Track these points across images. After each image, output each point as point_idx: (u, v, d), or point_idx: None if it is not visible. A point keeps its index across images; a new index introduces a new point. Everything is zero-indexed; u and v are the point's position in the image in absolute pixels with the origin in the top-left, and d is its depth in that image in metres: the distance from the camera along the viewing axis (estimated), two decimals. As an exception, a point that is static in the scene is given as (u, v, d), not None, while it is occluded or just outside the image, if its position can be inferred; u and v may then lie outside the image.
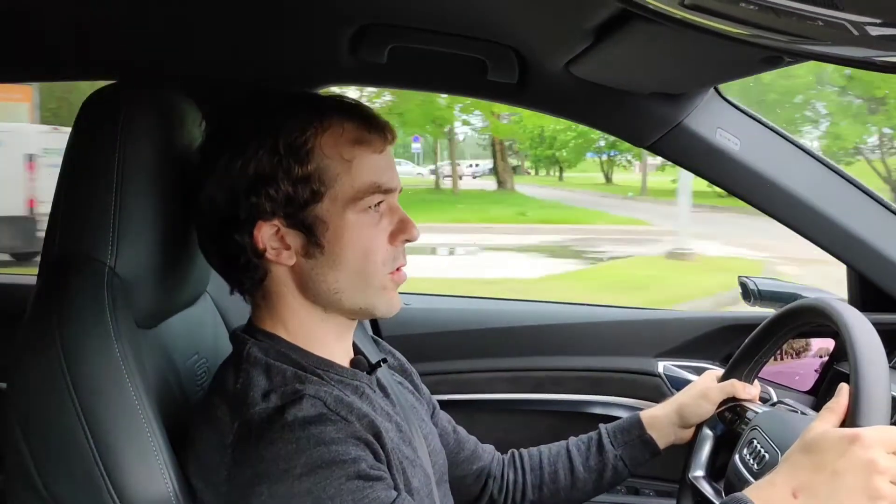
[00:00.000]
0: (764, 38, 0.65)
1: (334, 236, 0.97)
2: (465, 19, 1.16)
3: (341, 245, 0.97)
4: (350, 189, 0.96)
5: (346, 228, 0.97)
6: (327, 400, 0.92)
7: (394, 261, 1.01)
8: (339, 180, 0.96)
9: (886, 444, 0.89)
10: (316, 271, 0.98)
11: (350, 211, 0.97)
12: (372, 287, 0.99)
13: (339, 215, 0.97)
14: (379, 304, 1.01)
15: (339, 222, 0.97)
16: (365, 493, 0.87)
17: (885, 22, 0.53)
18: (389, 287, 1.01)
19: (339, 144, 0.97)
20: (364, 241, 0.98)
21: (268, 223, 0.96)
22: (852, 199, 1.52)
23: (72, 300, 0.94)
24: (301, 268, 0.98)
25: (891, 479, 0.88)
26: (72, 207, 0.99)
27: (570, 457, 1.32)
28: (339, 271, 0.98)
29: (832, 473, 0.88)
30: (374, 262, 0.98)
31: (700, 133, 1.42)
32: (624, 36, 1.01)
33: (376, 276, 0.99)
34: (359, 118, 0.99)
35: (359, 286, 0.99)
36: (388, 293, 1.01)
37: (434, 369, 1.79)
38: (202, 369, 1.16)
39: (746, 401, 1.30)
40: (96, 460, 0.89)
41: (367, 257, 0.98)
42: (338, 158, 0.96)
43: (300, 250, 0.98)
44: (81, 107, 1.03)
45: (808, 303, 1.21)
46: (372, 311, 1.02)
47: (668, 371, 1.77)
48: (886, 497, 0.87)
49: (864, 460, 0.87)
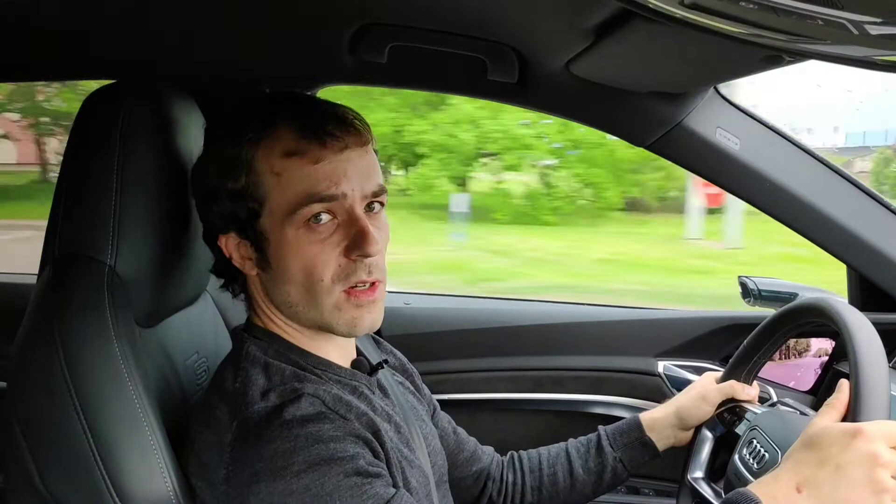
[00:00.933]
0: (764, 37, 0.65)
1: (276, 252, 0.94)
2: (464, 19, 1.16)
3: (284, 261, 0.94)
4: (283, 203, 0.92)
5: (285, 244, 0.93)
6: (326, 398, 0.92)
7: (348, 277, 0.94)
8: (270, 194, 0.93)
9: (888, 437, 0.90)
10: (272, 284, 0.98)
11: (288, 226, 0.92)
12: (324, 305, 0.95)
13: (278, 230, 0.93)
14: (335, 323, 0.96)
15: (278, 237, 0.93)
16: (363, 489, 0.87)
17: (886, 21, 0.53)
18: (345, 307, 0.95)
19: (270, 157, 0.93)
20: (306, 258, 0.93)
21: (226, 235, 0.97)
22: (852, 198, 1.52)
23: (72, 299, 0.94)
24: (262, 278, 0.99)
25: (893, 472, 0.88)
26: (72, 207, 0.99)
27: (570, 459, 1.32)
28: (289, 286, 0.95)
29: (835, 467, 0.89)
30: (320, 280, 0.93)
31: (700, 132, 1.42)
32: (624, 35, 1.01)
33: (326, 295, 0.94)
34: (297, 124, 0.93)
35: (310, 303, 0.95)
36: (344, 313, 0.95)
37: (435, 368, 1.79)
38: (202, 368, 1.16)
39: (746, 402, 1.31)
40: (96, 459, 0.89)
41: (312, 274, 0.93)
42: (268, 172, 0.92)
43: (257, 262, 0.97)
44: (81, 106, 1.03)
45: (808, 302, 1.21)
46: (330, 328, 0.97)
47: (668, 371, 1.77)
48: (889, 490, 0.87)
49: (867, 454, 0.88)
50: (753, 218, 8.90)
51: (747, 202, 1.52)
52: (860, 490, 0.87)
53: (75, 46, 1.23)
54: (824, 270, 1.92)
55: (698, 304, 6.35)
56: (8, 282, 2.02)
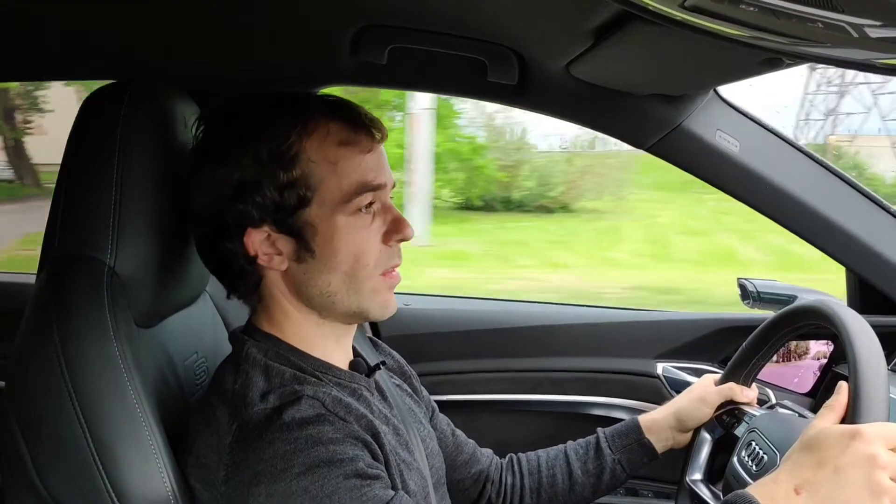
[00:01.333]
0: (764, 40, 0.65)
1: (324, 240, 0.96)
2: (464, 20, 1.16)
3: (332, 249, 0.96)
4: (338, 191, 0.95)
5: (336, 232, 0.96)
6: (325, 401, 0.92)
7: (388, 261, 1.00)
8: (325, 183, 0.95)
9: (887, 439, 0.90)
10: (308, 276, 0.98)
11: (340, 214, 0.96)
12: (364, 290, 0.98)
13: (328, 219, 0.96)
14: (372, 306, 1.00)
15: (328, 226, 0.96)
16: (363, 491, 0.87)
17: (885, 24, 0.53)
18: (381, 289, 1.00)
19: (324, 147, 0.95)
20: (356, 244, 0.97)
21: (257, 230, 0.96)
22: (852, 201, 1.52)
23: (71, 299, 0.94)
24: (293, 272, 0.98)
25: (891, 474, 0.88)
26: (71, 206, 0.99)
27: (569, 461, 1.32)
28: (331, 275, 0.97)
29: (834, 469, 0.89)
30: (366, 265, 0.97)
31: (700, 135, 1.42)
32: (623, 37, 1.01)
33: (368, 279, 0.98)
34: (344, 119, 0.97)
35: (351, 289, 0.98)
36: (380, 296, 1.00)
37: (433, 370, 1.79)
38: (201, 369, 1.16)
39: (744, 404, 1.31)
40: (95, 460, 0.89)
41: (359, 260, 0.97)
42: (323, 161, 0.95)
43: (291, 255, 0.97)
44: (82, 106, 1.03)
45: (806, 305, 1.21)
46: (365, 314, 1.01)
47: (666, 373, 1.77)
48: (888, 491, 0.87)
49: (866, 455, 0.88)
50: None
51: (747, 205, 1.52)
52: (859, 491, 0.87)
53: (75, 46, 1.23)
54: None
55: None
56: (7, 281, 2.02)
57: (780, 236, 1.54)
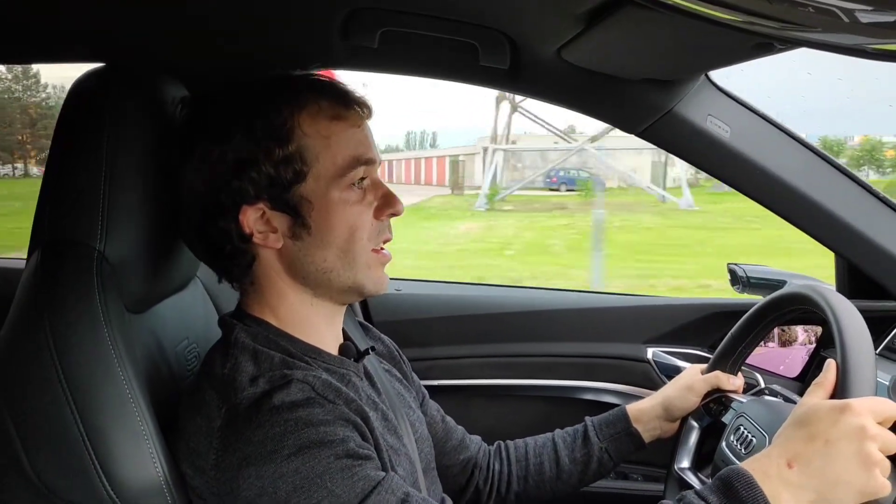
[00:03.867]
0: (755, 24, 0.65)
1: (320, 215, 0.97)
2: (456, 4, 1.16)
3: (328, 223, 0.97)
4: (332, 165, 0.97)
5: (331, 206, 0.97)
6: (315, 384, 0.93)
7: (379, 235, 1.02)
8: (320, 158, 0.97)
9: (875, 412, 0.91)
10: (304, 252, 0.98)
11: (334, 188, 0.97)
12: (358, 265, 1.00)
13: (323, 193, 0.97)
14: (366, 281, 1.01)
15: (324, 200, 0.97)
16: (354, 471, 0.87)
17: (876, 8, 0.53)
18: (374, 265, 1.02)
19: (317, 122, 0.97)
20: (350, 218, 0.98)
21: (252, 207, 0.96)
22: (841, 187, 1.52)
23: (61, 285, 0.93)
24: (289, 250, 0.99)
25: (880, 445, 0.90)
26: (60, 192, 0.99)
27: (556, 449, 1.33)
28: (327, 250, 0.98)
29: (825, 442, 0.90)
30: (360, 239, 0.99)
31: (691, 120, 1.42)
32: (615, 21, 1.01)
33: (362, 254, 1.00)
34: (334, 95, 0.99)
35: (346, 264, 0.99)
36: (374, 271, 1.02)
37: (425, 355, 1.79)
38: (192, 354, 1.16)
39: (731, 392, 1.32)
40: (86, 446, 0.89)
41: (354, 234, 0.98)
42: (317, 136, 0.97)
43: (287, 232, 0.98)
44: (70, 90, 1.02)
45: (791, 291, 1.22)
46: (360, 289, 1.02)
47: (657, 357, 1.78)
48: (878, 462, 0.89)
49: (856, 427, 0.89)
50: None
51: (737, 190, 1.53)
52: (850, 463, 0.89)
53: (62, 29, 1.22)
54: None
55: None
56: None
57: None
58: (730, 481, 0.91)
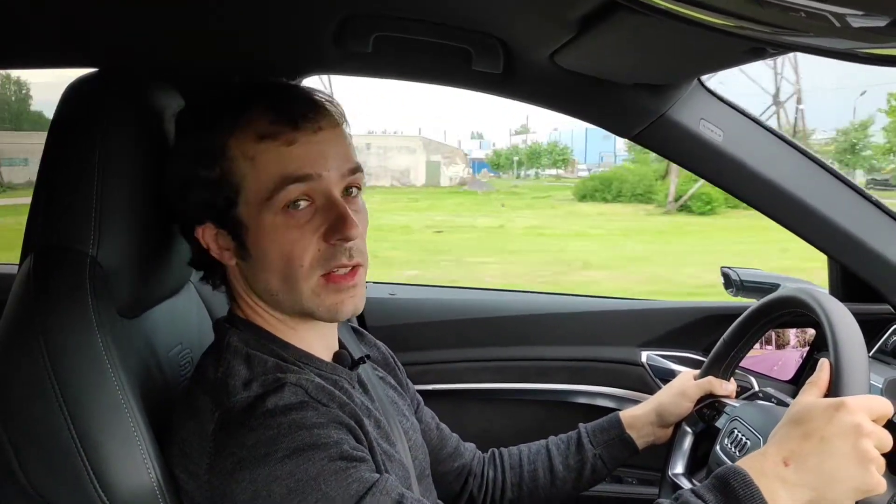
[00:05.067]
0: (748, 29, 0.65)
1: (255, 239, 0.94)
2: (449, 9, 1.16)
3: (262, 249, 0.94)
4: (259, 188, 0.92)
5: (264, 231, 0.93)
6: (308, 388, 0.92)
7: (327, 262, 0.94)
8: (246, 180, 0.92)
9: (869, 409, 0.92)
10: (251, 272, 0.97)
11: (266, 212, 0.92)
12: (302, 292, 0.94)
13: (255, 217, 0.93)
14: (316, 309, 0.96)
15: (256, 225, 0.93)
16: (348, 472, 0.87)
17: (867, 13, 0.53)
18: (323, 293, 0.94)
19: (244, 143, 0.92)
20: (285, 244, 0.92)
21: (201, 226, 0.96)
22: (834, 190, 1.53)
23: (53, 290, 0.93)
24: (242, 268, 0.98)
25: (875, 442, 0.90)
26: (53, 197, 0.98)
27: (550, 455, 1.33)
28: (268, 273, 0.95)
29: (820, 440, 0.90)
30: (300, 266, 0.93)
31: (684, 124, 1.43)
32: (608, 26, 1.01)
33: (305, 281, 0.94)
34: (270, 109, 0.92)
35: (289, 290, 0.95)
36: (324, 298, 0.95)
37: (419, 359, 1.79)
38: (186, 359, 1.15)
39: (724, 397, 1.32)
40: (79, 452, 0.89)
41: (291, 261, 0.93)
42: (242, 158, 0.92)
43: (235, 252, 0.97)
44: (63, 95, 1.02)
45: (786, 294, 1.22)
46: (311, 314, 0.97)
47: (651, 361, 1.78)
48: (874, 459, 0.89)
49: (851, 425, 0.90)
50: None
51: (730, 194, 1.53)
52: (845, 460, 0.89)
53: (56, 34, 1.22)
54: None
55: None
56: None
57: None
58: (726, 479, 0.91)
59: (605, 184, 22.09)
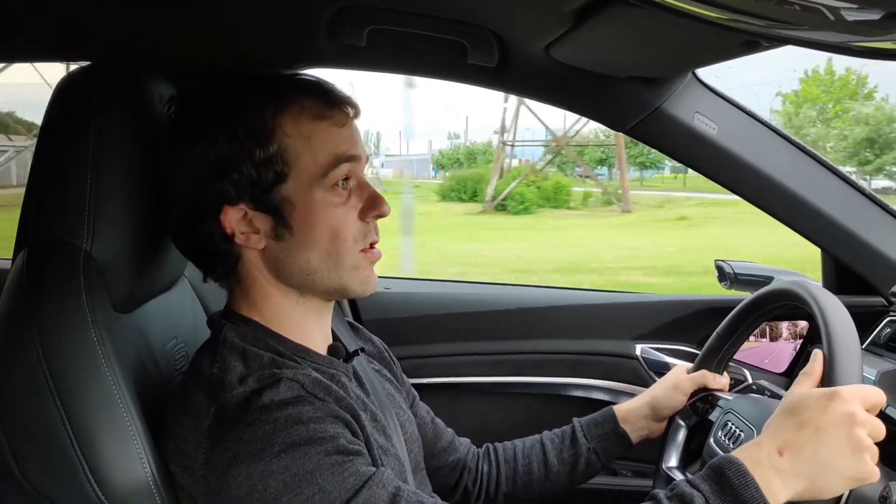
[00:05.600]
0: (742, 22, 0.66)
1: (302, 216, 0.96)
2: (444, 2, 1.15)
3: (310, 224, 0.97)
4: (314, 166, 0.96)
5: (314, 207, 0.96)
6: (305, 382, 0.92)
7: (365, 237, 1.00)
8: (301, 158, 0.96)
9: (863, 398, 0.92)
10: (286, 253, 0.98)
11: (317, 189, 0.96)
12: (344, 266, 0.99)
13: (305, 194, 0.96)
14: (352, 283, 1.01)
15: (306, 201, 0.96)
16: (345, 466, 0.87)
17: (861, 7, 0.53)
18: (363, 266, 1.00)
19: (299, 122, 0.96)
20: (333, 220, 0.97)
21: (234, 208, 0.96)
22: (828, 183, 1.53)
23: (47, 285, 0.93)
24: (271, 251, 0.98)
25: (869, 431, 0.91)
26: (46, 191, 0.98)
27: (545, 449, 1.34)
28: (310, 251, 0.97)
29: (815, 429, 0.91)
30: (345, 241, 0.98)
31: (678, 117, 1.43)
32: (603, 19, 1.01)
33: (348, 255, 0.99)
34: (318, 94, 0.99)
35: (331, 266, 0.98)
36: (361, 272, 1.00)
37: (414, 353, 1.79)
38: (181, 354, 1.15)
39: (718, 391, 1.32)
40: (74, 447, 0.88)
41: (338, 236, 0.97)
42: (298, 136, 0.96)
43: (269, 233, 0.97)
44: (55, 89, 1.02)
45: (779, 287, 1.23)
46: (346, 290, 1.01)
47: (645, 353, 1.79)
48: (868, 448, 0.90)
49: (845, 414, 0.90)
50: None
51: (725, 187, 1.54)
52: (839, 449, 0.90)
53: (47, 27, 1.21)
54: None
55: None
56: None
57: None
58: (721, 469, 0.92)
59: (461, 184, 23.61)
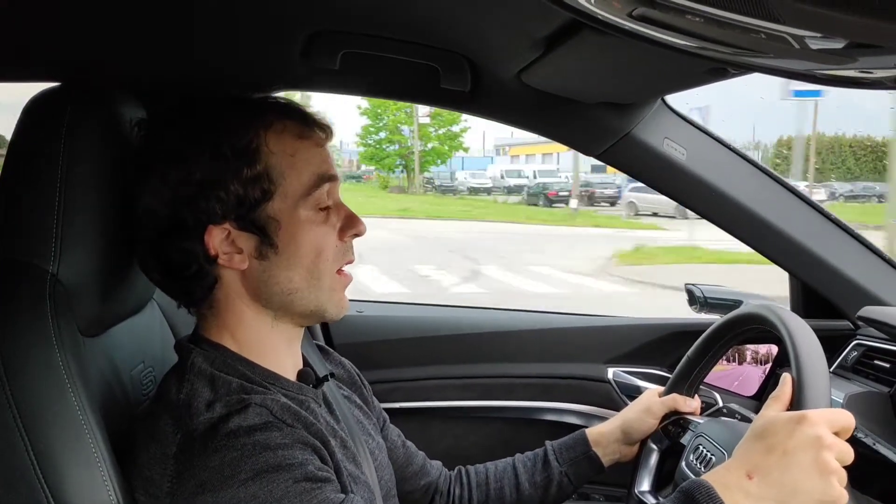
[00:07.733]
0: (709, 49, 0.67)
1: (288, 235, 0.97)
2: (416, 27, 1.16)
3: (296, 243, 0.97)
4: (298, 184, 0.97)
5: (299, 226, 0.97)
6: (273, 408, 0.91)
7: (344, 256, 1.01)
8: (286, 177, 0.97)
9: (830, 422, 0.93)
10: (268, 273, 0.97)
11: (301, 207, 0.97)
12: (323, 287, 0.99)
13: (290, 213, 0.97)
14: (329, 305, 1.01)
15: (291, 220, 0.97)
16: (313, 493, 0.86)
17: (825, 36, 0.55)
18: (337, 288, 1.01)
19: (283, 141, 0.97)
20: (317, 239, 0.98)
21: (218, 227, 0.95)
22: (794, 208, 1.56)
23: (12, 307, 0.91)
24: (253, 271, 0.97)
25: (836, 454, 0.91)
26: (13, 212, 0.96)
27: (517, 473, 1.33)
28: (293, 270, 0.97)
29: (783, 453, 0.91)
30: (326, 260, 0.99)
31: (648, 142, 1.45)
32: (574, 46, 1.02)
33: (326, 275, 0.99)
34: (296, 116, 1.01)
35: (311, 285, 0.99)
36: (336, 294, 1.01)
37: (386, 377, 1.78)
38: (148, 378, 1.13)
39: (689, 414, 1.33)
40: (37, 472, 0.86)
41: (320, 254, 0.98)
42: (283, 154, 0.97)
43: (252, 252, 0.97)
44: (24, 108, 1.00)
45: (748, 310, 1.24)
46: (322, 313, 1.01)
47: (617, 377, 1.79)
48: (835, 471, 0.91)
49: (812, 437, 0.91)
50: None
51: (693, 211, 1.56)
52: (807, 472, 0.90)
53: (16, 46, 1.20)
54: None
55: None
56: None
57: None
58: (691, 493, 0.92)
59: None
